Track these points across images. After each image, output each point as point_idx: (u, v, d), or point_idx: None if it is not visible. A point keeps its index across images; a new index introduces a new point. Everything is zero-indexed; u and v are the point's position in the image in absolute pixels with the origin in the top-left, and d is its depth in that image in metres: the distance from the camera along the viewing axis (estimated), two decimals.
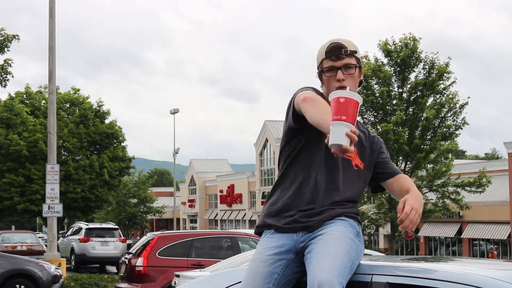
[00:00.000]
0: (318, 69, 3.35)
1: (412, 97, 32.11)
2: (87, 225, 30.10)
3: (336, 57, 3.25)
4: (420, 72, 32.12)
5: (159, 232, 15.25)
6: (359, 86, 3.38)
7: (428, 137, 31.76)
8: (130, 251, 15.31)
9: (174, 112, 55.80)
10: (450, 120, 31.76)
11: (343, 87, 3.16)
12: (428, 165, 32.08)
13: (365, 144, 3.36)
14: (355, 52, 3.29)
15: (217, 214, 77.40)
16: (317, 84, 3.41)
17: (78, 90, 43.29)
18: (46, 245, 24.08)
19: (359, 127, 3.37)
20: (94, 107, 42.73)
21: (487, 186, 32.68)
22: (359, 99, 2.77)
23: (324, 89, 3.33)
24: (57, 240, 22.93)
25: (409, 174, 32.44)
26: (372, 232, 37.79)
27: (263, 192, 63.59)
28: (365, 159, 3.35)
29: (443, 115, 31.56)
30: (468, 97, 31.94)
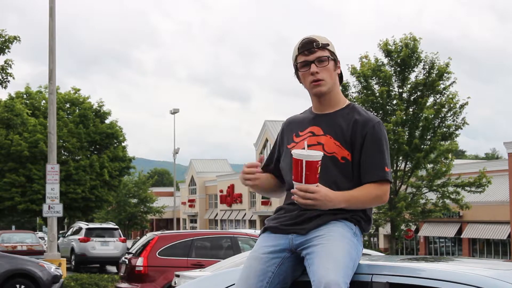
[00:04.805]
0: (294, 67, 3.40)
1: (412, 97, 32.11)
2: (87, 225, 30.09)
3: (308, 51, 3.30)
4: (420, 72, 32.12)
5: (159, 232, 15.25)
6: (341, 81, 3.40)
7: (428, 137, 31.75)
8: (130, 251, 15.32)
9: (174, 112, 55.72)
10: (450, 120, 31.76)
11: (318, 80, 3.28)
12: (428, 165, 32.07)
13: (354, 133, 3.25)
14: (327, 45, 3.33)
15: (217, 214, 77.39)
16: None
17: (79, 90, 43.34)
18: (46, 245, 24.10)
19: (351, 113, 3.30)
20: (94, 107, 42.77)
21: (487, 186, 32.67)
22: (307, 155, 3.05)
23: (303, 85, 3.40)
24: (57, 240, 22.94)
25: (409, 174, 32.46)
26: (372, 232, 37.78)
27: None
28: (353, 148, 3.25)
29: (443, 115, 31.55)
30: (468, 97, 31.97)
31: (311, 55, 3.29)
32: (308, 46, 3.29)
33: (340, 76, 3.41)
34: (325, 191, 3.08)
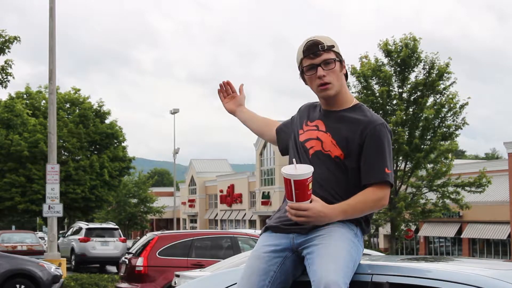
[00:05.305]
0: (299, 69, 3.37)
1: (412, 97, 32.10)
2: (87, 225, 30.10)
3: (314, 54, 3.26)
4: (420, 72, 32.11)
5: (159, 232, 15.25)
6: (346, 79, 3.38)
7: (428, 137, 31.75)
8: (130, 251, 15.33)
9: (174, 112, 55.76)
10: (450, 120, 31.76)
11: (325, 84, 3.27)
12: (428, 165, 32.07)
13: (352, 133, 3.23)
14: (332, 46, 3.29)
15: (217, 214, 77.39)
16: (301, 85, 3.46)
17: (79, 90, 43.35)
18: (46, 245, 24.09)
19: (355, 113, 3.29)
20: (94, 107, 42.77)
21: (487, 186, 32.66)
22: (294, 174, 3.04)
23: (310, 87, 3.38)
24: (57, 240, 22.95)
25: (409, 174, 32.46)
26: (372, 232, 37.77)
27: (263, 192, 63.60)
28: (349, 149, 3.22)
29: (443, 115, 31.55)
30: (469, 97, 31.96)
31: (317, 58, 3.26)
32: (313, 49, 3.26)
33: (346, 75, 3.39)
34: (319, 208, 3.07)
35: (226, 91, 3.85)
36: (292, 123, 3.52)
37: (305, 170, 3.03)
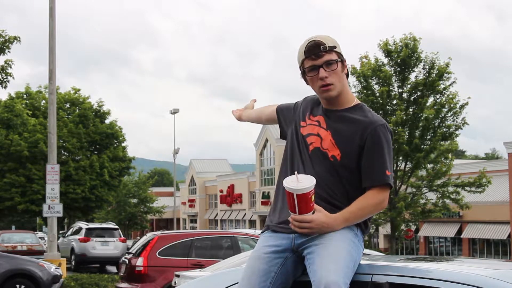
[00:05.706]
0: (300, 70, 3.34)
1: (412, 97, 32.10)
2: (87, 225, 30.11)
3: (315, 55, 3.22)
4: (420, 72, 32.11)
5: (159, 232, 15.25)
6: (347, 77, 3.36)
7: (428, 137, 31.75)
8: (130, 251, 15.33)
9: (174, 112, 55.78)
10: (450, 120, 31.76)
11: (327, 85, 3.23)
12: (428, 165, 32.07)
13: (352, 134, 3.21)
14: (334, 47, 3.25)
15: (217, 214, 77.40)
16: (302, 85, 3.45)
17: (79, 90, 43.33)
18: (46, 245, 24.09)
19: (356, 113, 3.27)
20: (94, 107, 42.76)
21: (487, 186, 32.65)
22: (297, 189, 3.03)
23: (312, 87, 3.36)
24: (57, 240, 22.95)
25: (409, 174, 32.46)
26: (372, 232, 37.75)
27: (263, 192, 63.57)
28: (347, 149, 3.21)
29: (443, 115, 31.55)
30: (469, 97, 31.96)
31: (318, 59, 3.23)
32: (315, 50, 3.22)
33: (347, 74, 3.36)
34: (322, 219, 3.08)
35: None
36: (294, 110, 3.48)
37: (307, 184, 3.03)
